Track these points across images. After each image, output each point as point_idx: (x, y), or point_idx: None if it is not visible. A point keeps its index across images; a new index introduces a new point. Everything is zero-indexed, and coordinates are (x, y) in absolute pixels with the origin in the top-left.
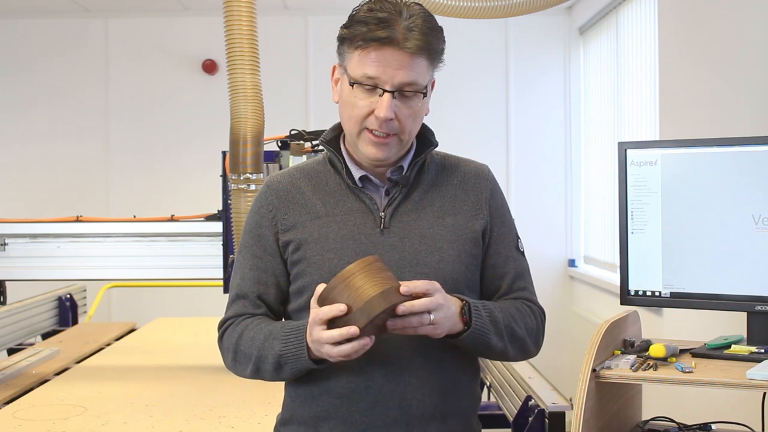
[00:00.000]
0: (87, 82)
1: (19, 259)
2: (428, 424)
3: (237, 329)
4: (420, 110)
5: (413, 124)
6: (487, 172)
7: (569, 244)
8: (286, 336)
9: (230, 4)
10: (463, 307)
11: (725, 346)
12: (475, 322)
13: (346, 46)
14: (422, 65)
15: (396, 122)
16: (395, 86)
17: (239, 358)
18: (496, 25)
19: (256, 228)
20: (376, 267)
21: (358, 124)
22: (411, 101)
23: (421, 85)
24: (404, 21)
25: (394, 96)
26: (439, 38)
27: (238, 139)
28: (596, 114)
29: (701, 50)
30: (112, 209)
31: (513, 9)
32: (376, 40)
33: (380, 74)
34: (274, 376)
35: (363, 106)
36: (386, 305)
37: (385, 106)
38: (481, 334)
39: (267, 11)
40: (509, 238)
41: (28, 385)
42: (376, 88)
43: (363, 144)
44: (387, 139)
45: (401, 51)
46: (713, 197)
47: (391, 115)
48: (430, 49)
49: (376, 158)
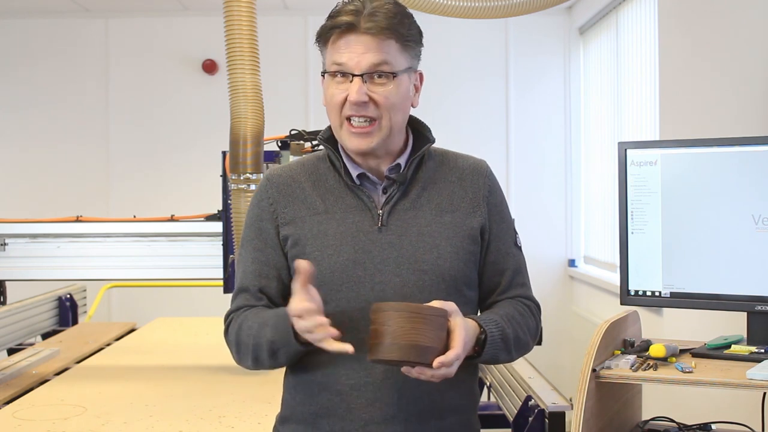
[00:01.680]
0: (87, 82)
1: (19, 259)
2: (427, 420)
3: (237, 321)
4: (397, 94)
5: (392, 109)
6: (486, 167)
7: (569, 244)
8: (275, 322)
9: (230, 4)
10: (479, 335)
11: (725, 346)
12: (488, 350)
13: (321, 44)
14: (391, 47)
15: (372, 106)
16: (363, 69)
17: (241, 349)
18: (496, 25)
19: (257, 221)
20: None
21: (338, 114)
22: (384, 84)
23: (392, 66)
24: (368, 8)
25: (365, 80)
26: (405, 22)
27: (238, 139)
28: (596, 114)
29: (701, 50)
30: (112, 209)
31: (513, 9)
32: (338, 27)
33: (347, 60)
34: (273, 363)
35: (338, 95)
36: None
37: (355, 89)
38: (491, 357)
39: (267, 11)
40: (508, 234)
41: (28, 385)
42: (346, 75)
43: (345, 136)
44: (367, 128)
45: (365, 35)
46: (713, 197)
47: (363, 98)
48: (395, 31)
49: (359, 149)
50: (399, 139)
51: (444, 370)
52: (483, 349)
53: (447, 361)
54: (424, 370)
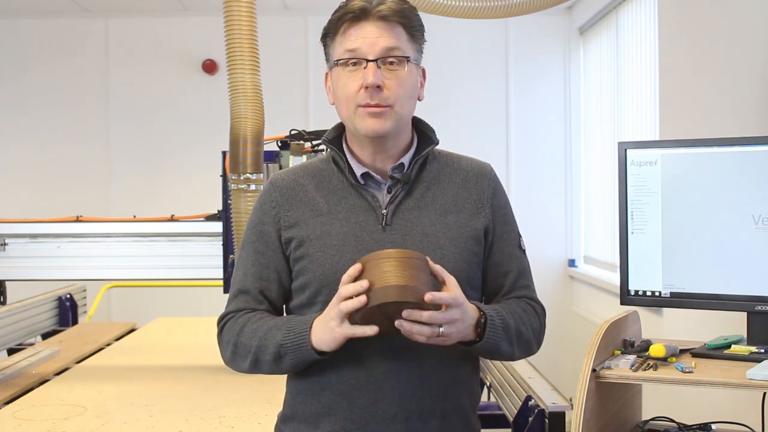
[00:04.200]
0: (87, 82)
1: (19, 259)
2: (428, 420)
3: (238, 322)
4: (408, 80)
5: (404, 96)
6: (490, 170)
7: (569, 244)
8: (290, 326)
9: (230, 4)
10: (479, 318)
11: (725, 346)
12: (489, 335)
13: (329, 39)
14: (401, 33)
15: (386, 92)
16: (377, 54)
17: (239, 350)
18: (496, 25)
19: (258, 224)
20: (414, 264)
21: (351, 102)
22: (397, 71)
23: (403, 51)
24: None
25: (379, 65)
26: (413, 12)
27: (238, 139)
28: (596, 114)
29: (701, 50)
30: (112, 209)
31: (513, 9)
32: (350, 13)
33: (360, 45)
34: (273, 367)
35: (352, 84)
36: (397, 299)
37: (371, 73)
38: (492, 344)
39: (267, 11)
40: (512, 236)
41: (28, 385)
42: (359, 62)
43: (360, 120)
44: (381, 110)
45: (377, 20)
46: (713, 197)
47: (379, 81)
48: (404, 16)
49: (374, 130)
50: (406, 136)
51: (438, 316)
52: (484, 332)
53: (438, 298)
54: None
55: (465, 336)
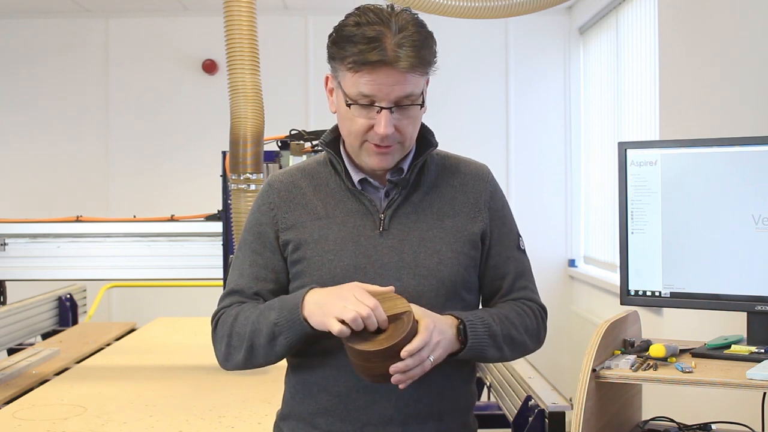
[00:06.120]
0: (87, 82)
1: (19, 259)
2: (424, 422)
3: (231, 314)
4: (418, 116)
5: (413, 131)
6: (487, 173)
7: (569, 244)
8: (281, 304)
9: (230, 4)
10: (458, 326)
11: (725, 346)
12: (471, 341)
13: (338, 63)
14: (417, 78)
15: (396, 133)
16: (392, 102)
17: (233, 341)
18: (496, 25)
19: (256, 225)
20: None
21: (358, 138)
22: (409, 111)
23: (417, 95)
24: (394, 37)
25: (392, 111)
26: (431, 49)
27: (238, 139)
28: (596, 114)
29: (701, 50)
30: (112, 209)
31: (513, 9)
32: (367, 64)
33: (376, 92)
34: (269, 351)
35: (362, 123)
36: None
37: (384, 123)
38: (478, 350)
39: (267, 11)
40: (510, 238)
41: (28, 385)
42: (373, 104)
43: (366, 155)
44: (389, 149)
45: (394, 69)
46: (713, 197)
47: (391, 130)
48: (423, 63)
49: (380, 167)
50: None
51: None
52: (467, 338)
53: (413, 348)
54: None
55: (451, 348)
